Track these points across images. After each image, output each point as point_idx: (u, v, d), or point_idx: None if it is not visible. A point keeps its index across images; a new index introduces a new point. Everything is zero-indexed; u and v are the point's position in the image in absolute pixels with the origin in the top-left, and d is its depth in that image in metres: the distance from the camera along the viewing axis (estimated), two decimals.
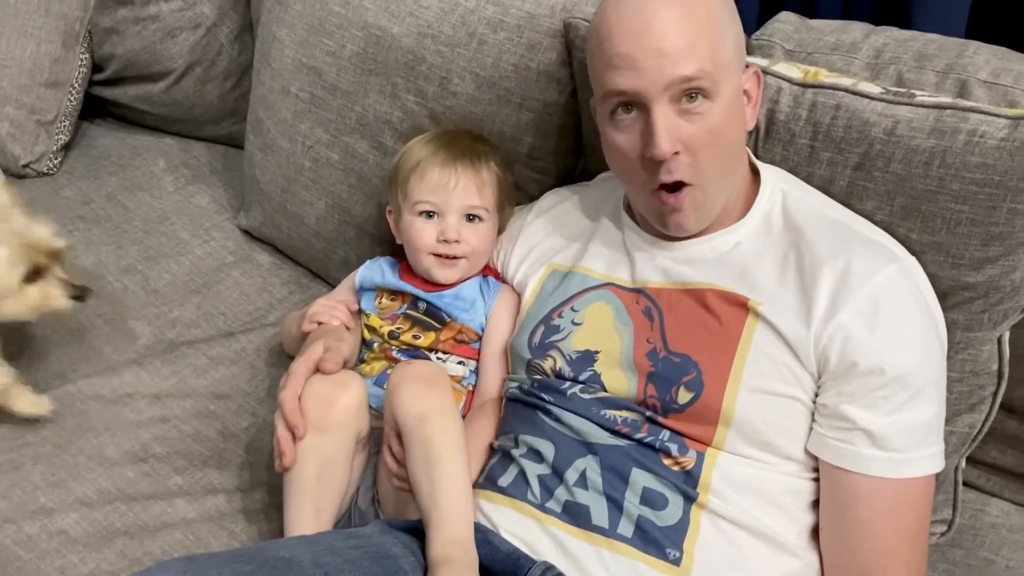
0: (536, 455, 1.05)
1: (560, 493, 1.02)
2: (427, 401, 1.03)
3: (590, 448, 1.03)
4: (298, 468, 1.11)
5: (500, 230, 1.28)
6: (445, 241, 1.21)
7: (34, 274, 1.24)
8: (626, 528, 0.99)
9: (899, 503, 0.99)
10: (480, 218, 1.23)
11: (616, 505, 1.00)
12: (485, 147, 1.27)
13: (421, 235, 1.23)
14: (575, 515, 1.01)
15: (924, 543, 1.02)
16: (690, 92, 0.99)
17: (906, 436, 0.98)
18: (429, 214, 1.23)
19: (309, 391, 1.12)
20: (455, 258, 1.23)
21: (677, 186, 1.02)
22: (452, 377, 1.22)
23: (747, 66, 1.08)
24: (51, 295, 1.25)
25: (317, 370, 1.13)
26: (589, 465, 1.02)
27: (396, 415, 1.04)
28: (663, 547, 0.98)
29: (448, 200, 1.21)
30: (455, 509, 0.99)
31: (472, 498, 1.02)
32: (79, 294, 1.27)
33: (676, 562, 0.97)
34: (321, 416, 1.11)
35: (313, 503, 1.11)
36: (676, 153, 1.00)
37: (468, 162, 1.23)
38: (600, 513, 1.00)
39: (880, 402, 0.98)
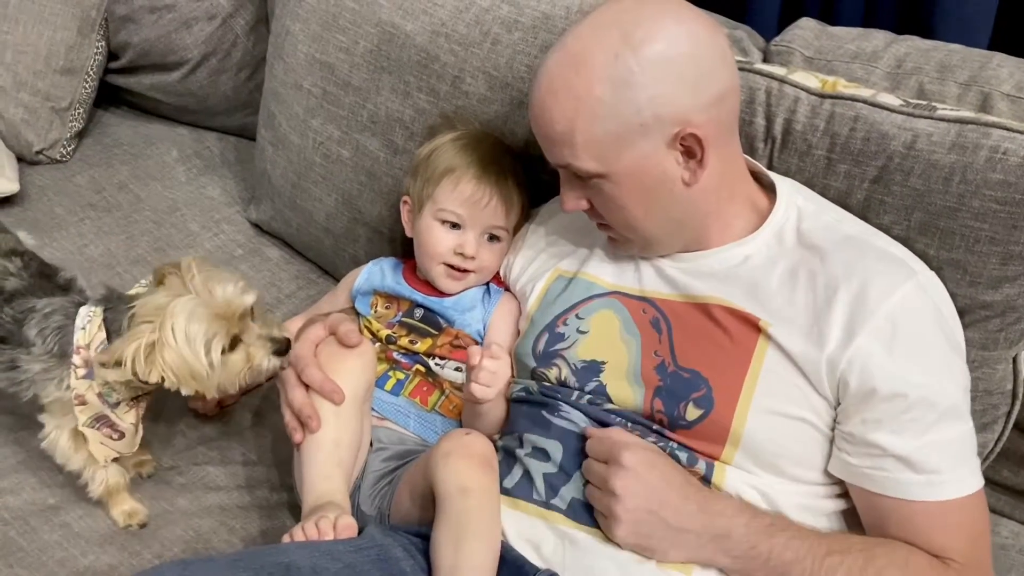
0: (542, 454, 1.04)
1: (566, 491, 1.01)
2: (475, 477, 1.01)
3: None
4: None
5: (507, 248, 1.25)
6: (461, 255, 1.19)
7: (233, 340, 1.09)
8: None
9: (950, 524, 0.96)
10: (499, 238, 1.21)
11: None
12: (512, 159, 1.24)
13: (438, 243, 1.20)
14: (581, 512, 1.00)
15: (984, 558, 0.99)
16: (576, 172, 1.04)
17: (939, 456, 0.96)
18: (452, 224, 1.20)
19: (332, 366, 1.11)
20: (465, 272, 1.20)
21: (603, 226, 1.10)
22: (451, 384, 1.21)
23: (683, 129, 0.99)
24: (254, 356, 1.10)
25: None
26: None
27: (436, 480, 1.01)
28: None
29: (477, 216, 1.18)
30: None
31: None
32: (281, 347, 1.11)
33: None
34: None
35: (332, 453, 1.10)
36: (590, 207, 1.07)
37: (503, 180, 1.19)
38: None
39: (908, 425, 0.96)
